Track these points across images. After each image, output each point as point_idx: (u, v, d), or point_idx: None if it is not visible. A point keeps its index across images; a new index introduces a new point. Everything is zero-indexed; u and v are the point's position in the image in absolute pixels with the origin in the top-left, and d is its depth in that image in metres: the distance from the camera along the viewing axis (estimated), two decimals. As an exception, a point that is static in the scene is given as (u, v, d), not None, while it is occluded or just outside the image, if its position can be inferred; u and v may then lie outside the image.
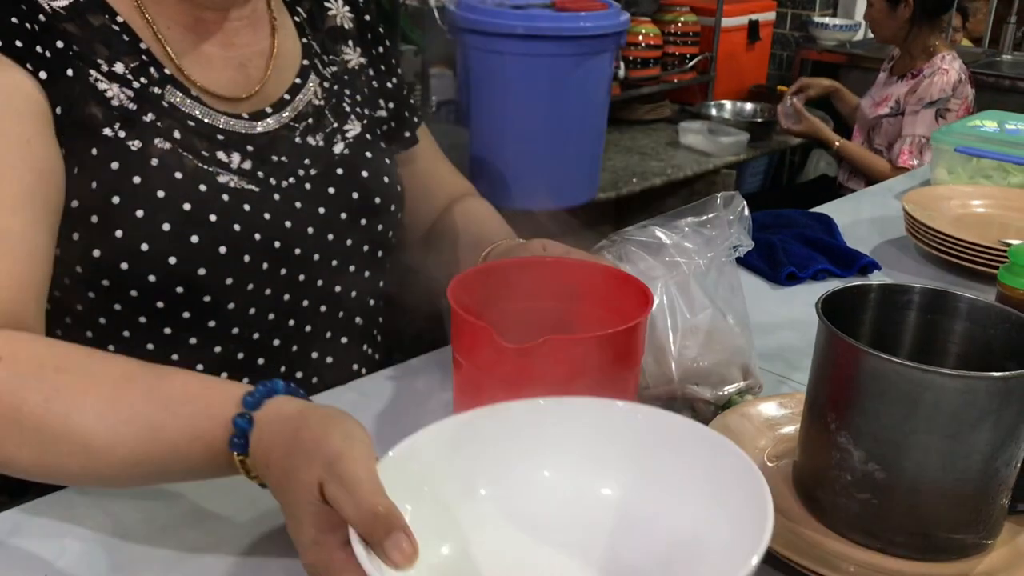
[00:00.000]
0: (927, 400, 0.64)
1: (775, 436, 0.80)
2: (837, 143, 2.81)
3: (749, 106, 3.49)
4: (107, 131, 0.81)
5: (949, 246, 1.20)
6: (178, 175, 0.83)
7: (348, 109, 0.98)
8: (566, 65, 2.74)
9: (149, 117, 0.83)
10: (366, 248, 0.97)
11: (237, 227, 0.85)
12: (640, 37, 3.22)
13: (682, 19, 3.43)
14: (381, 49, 1.05)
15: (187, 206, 0.83)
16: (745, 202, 0.85)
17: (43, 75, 0.78)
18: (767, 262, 1.21)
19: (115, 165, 0.81)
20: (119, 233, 0.80)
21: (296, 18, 0.99)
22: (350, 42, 1.02)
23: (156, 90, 0.84)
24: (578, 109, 2.76)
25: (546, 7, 2.68)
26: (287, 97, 0.93)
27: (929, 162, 1.66)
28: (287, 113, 0.92)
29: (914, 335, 0.75)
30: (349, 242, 0.95)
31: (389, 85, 1.06)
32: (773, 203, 2.49)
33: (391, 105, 1.05)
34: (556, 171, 2.66)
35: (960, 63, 2.69)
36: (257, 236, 0.86)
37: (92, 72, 0.81)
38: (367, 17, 1.04)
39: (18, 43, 0.77)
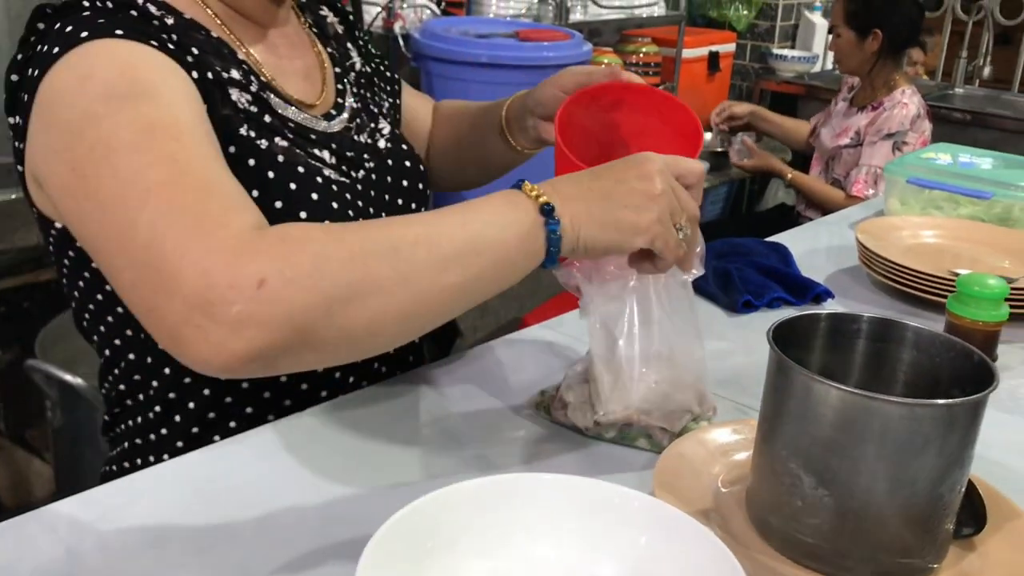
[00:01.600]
0: (874, 427, 0.65)
1: (729, 462, 0.82)
2: (790, 175, 2.85)
3: (709, 135, 3.54)
4: (242, 131, 0.87)
5: (900, 275, 1.23)
6: (300, 169, 0.90)
7: (375, 110, 1.07)
8: (525, 87, 2.76)
9: (267, 119, 0.90)
10: None
11: (351, 212, 0.94)
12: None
13: (644, 50, 3.48)
14: (361, 42, 1.14)
15: (315, 196, 0.90)
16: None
17: (195, 75, 0.83)
18: (723, 290, 1.23)
19: (251, 162, 0.87)
20: None
21: (314, 30, 1.07)
22: (348, 44, 1.11)
23: (264, 94, 0.91)
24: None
25: (510, 36, 2.71)
26: (340, 101, 1.02)
27: (883, 193, 1.69)
28: (344, 115, 1.01)
29: (863, 363, 0.77)
30: None
31: (382, 68, 1.14)
32: (732, 231, 2.52)
33: (387, 88, 1.14)
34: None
35: (919, 98, 2.75)
36: (360, 219, 0.94)
37: (219, 78, 0.87)
38: (353, 30, 1.13)
39: (170, 46, 0.83)
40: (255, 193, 0.85)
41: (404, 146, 1.08)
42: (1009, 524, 0.74)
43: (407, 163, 1.06)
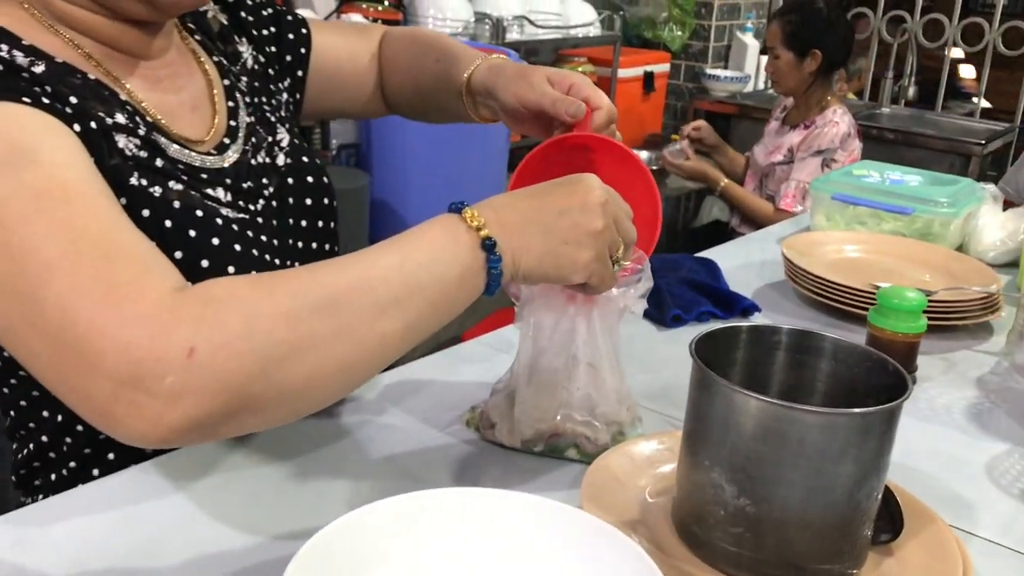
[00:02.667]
0: (792, 436, 0.66)
1: (656, 474, 0.83)
2: (722, 183, 2.90)
3: (645, 154, 3.58)
4: (132, 180, 0.82)
5: (824, 289, 1.26)
6: (199, 213, 0.85)
7: (271, 117, 1.02)
8: (466, 111, 2.77)
9: (159, 163, 0.85)
10: (327, 247, 1.02)
11: (255, 251, 0.89)
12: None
13: (580, 69, 3.51)
14: (255, 32, 1.07)
15: (216, 240, 0.86)
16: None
17: (76, 127, 0.77)
18: (654, 305, 1.24)
19: (146, 213, 0.82)
20: None
21: (196, 37, 1.01)
22: (235, 36, 1.05)
23: (152, 136, 0.86)
24: (479, 155, 2.80)
25: (446, 55, 2.72)
26: (233, 124, 0.97)
27: (810, 208, 1.73)
28: (239, 141, 0.96)
29: (784, 374, 0.78)
30: (314, 245, 1.00)
31: (276, 65, 1.08)
32: (669, 248, 2.55)
33: (287, 58, 1.09)
34: (456, 215, 2.68)
35: (850, 117, 2.83)
36: (267, 257, 0.91)
37: (103, 125, 0.81)
38: (240, 13, 1.07)
39: (45, 100, 0.75)
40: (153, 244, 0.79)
41: (305, 158, 1.02)
42: (926, 530, 0.76)
43: (309, 179, 1.01)
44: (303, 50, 1.11)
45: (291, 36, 1.10)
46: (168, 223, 0.82)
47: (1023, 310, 1.15)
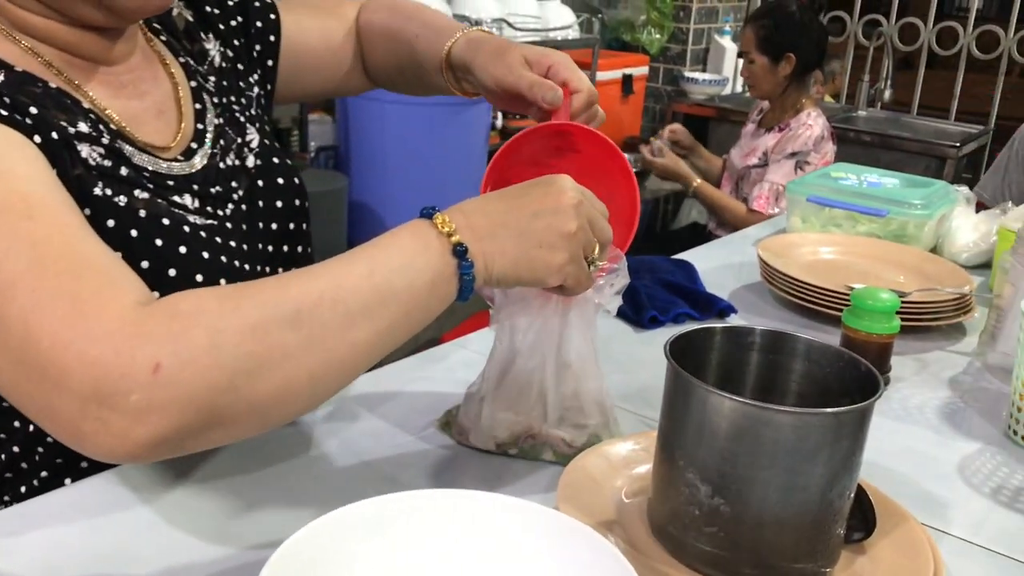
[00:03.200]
0: (766, 436, 0.67)
1: (632, 475, 0.83)
2: (696, 182, 2.91)
3: (626, 157, 3.59)
4: (96, 190, 0.80)
5: (800, 291, 1.27)
6: (165, 221, 0.84)
7: (240, 117, 1.00)
8: (445, 114, 2.78)
9: (124, 171, 0.83)
10: (299, 249, 1.00)
11: (223, 258, 0.87)
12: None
13: (559, 71, 3.52)
14: (222, 26, 1.05)
15: (183, 249, 0.84)
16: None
17: (37, 139, 0.75)
18: (631, 306, 1.25)
19: (111, 223, 0.80)
20: None
21: (163, 36, 0.99)
22: (201, 34, 1.03)
23: (116, 145, 0.84)
24: (457, 157, 2.80)
25: (425, 57, 2.72)
26: (200, 127, 0.95)
27: (785, 210, 1.74)
28: (207, 143, 0.94)
29: (758, 374, 0.79)
30: (286, 248, 0.98)
31: (246, 58, 1.06)
32: (647, 250, 2.56)
33: (256, 48, 1.07)
34: (434, 218, 2.69)
35: (824, 120, 2.85)
36: (237, 263, 0.89)
37: (65, 135, 0.79)
38: (204, 7, 1.04)
39: (3, 112, 0.74)
40: (118, 255, 0.76)
41: (276, 159, 1.01)
42: (899, 528, 0.77)
43: (280, 180, 0.99)
44: (272, 37, 1.09)
45: (259, 24, 1.08)
46: (134, 233, 0.81)
47: (995, 311, 1.17)
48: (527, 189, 0.75)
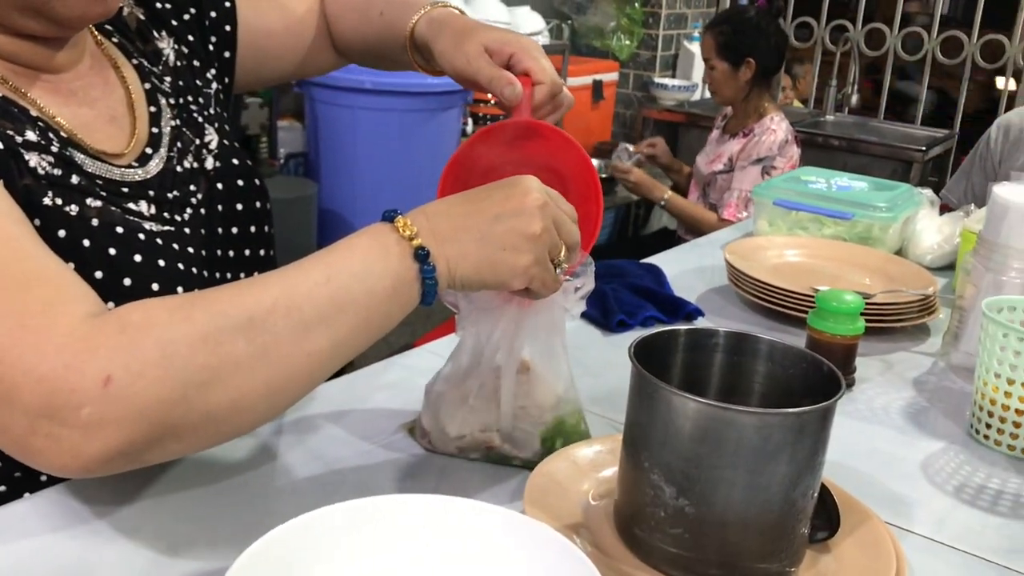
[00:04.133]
0: (729, 437, 0.67)
1: (599, 477, 0.83)
2: (666, 195, 2.93)
3: (595, 162, 3.60)
4: (46, 200, 0.78)
5: (766, 293, 1.28)
6: (119, 230, 0.82)
7: (199, 117, 0.98)
8: (414, 120, 2.78)
9: (75, 180, 0.81)
10: (262, 252, 0.99)
11: (181, 265, 0.86)
12: (488, 94, 3.29)
13: (529, 77, 3.52)
14: (175, 22, 1.02)
15: (138, 257, 0.82)
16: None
17: None
18: (599, 310, 1.25)
19: (62, 233, 0.78)
20: None
21: (114, 38, 0.97)
22: (154, 32, 1.00)
23: (67, 153, 0.82)
24: (427, 163, 2.80)
25: (394, 63, 2.72)
26: (155, 131, 0.93)
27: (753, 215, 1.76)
28: (163, 148, 0.92)
29: (721, 376, 0.79)
30: (247, 252, 0.97)
31: (202, 54, 1.04)
32: (617, 255, 2.57)
33: (212, 41, 1.04)
34: (405, 224, 2.69)
35: (787, 124, 2.87)
36: (195, 269, 0.88)
37: (11, 144, 0.78)
38: (156, 4, 1.02)
39: None
40: (70, 266, 0.75)
41: (235, 160, 0.98)
42: (862, 527, 0.77)
43: (240, 182, 0.97)
44: (228, 27, 1.06)
45: (213, 14, 1.05)
46: (86, 242, 0.79)
47: (958, 312, 1.18)
48: (491, 191, 0.74)
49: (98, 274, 0.79)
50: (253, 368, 0.64)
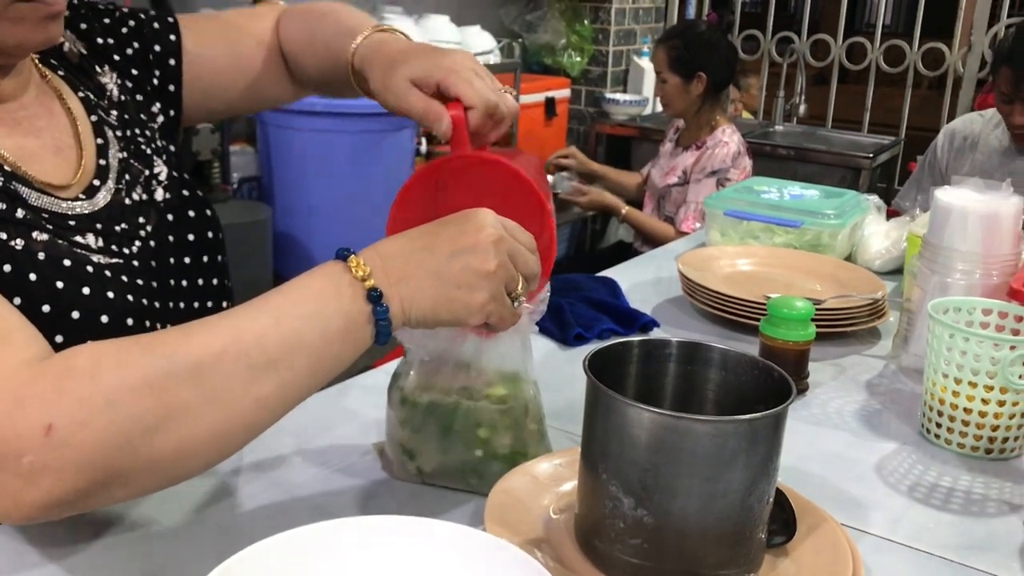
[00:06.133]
0: (684, 446, 0.68)
1: (559, 492, 0.83)
2: (624, 210, 2.96)
3: (550, 178, 3.63)
4: None
5: (719, 303, 1.29)
6: (67, 262, 0.81)
7: (147, 150, 0.97)
8: (366, 142, 2.77)
9: (20, 214, 0.80)
10: (215, 282, 0.98)
11: (131, 297, 0.85)
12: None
13: (481, 96, 3.54)
14: (117, 56, 1.01)
15: (86, 290, 0.81)
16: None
17: None
18: (556, 324, 1.26)
19: (7, 268, 0.77)
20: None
21: (60, 72, 0.96)
22: (96, 67, 0.99)
23: (12, 186, 0.81)
24: (380, 185, 2.80)
25: (345, 85, 2.72)
26: (102, 163, 0.92)
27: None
28: (111, 180, 0.91)
29: (676, 386, 0.80)
30: (200, 281, 0.96)
31: (147, 88, 1.02)
32: (574, 269, 2.59)
33: (156, 74, 1.03)
34: (360, 246, 2.68)
35: (739, 136, 2.91)
36: (146, 301, 0.86)
37: None
38: (96, 39, 1.00)
39: None
40: (17, 301, 0.75)
41: (186, 191, 0.98)
42: (818, 530, 0.78)
43: (191, 212, 0.96)
44: (172, 61, 1.04)
45: (157, 48, 1.03)
46: (32, 276, 0.78)
47: (907, 314, 1.21)
48: (444, 226, 0.73)
49: (45, 308, 0.78)
50: (200, 414, 0.64)
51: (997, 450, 0.98)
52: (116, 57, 1.01)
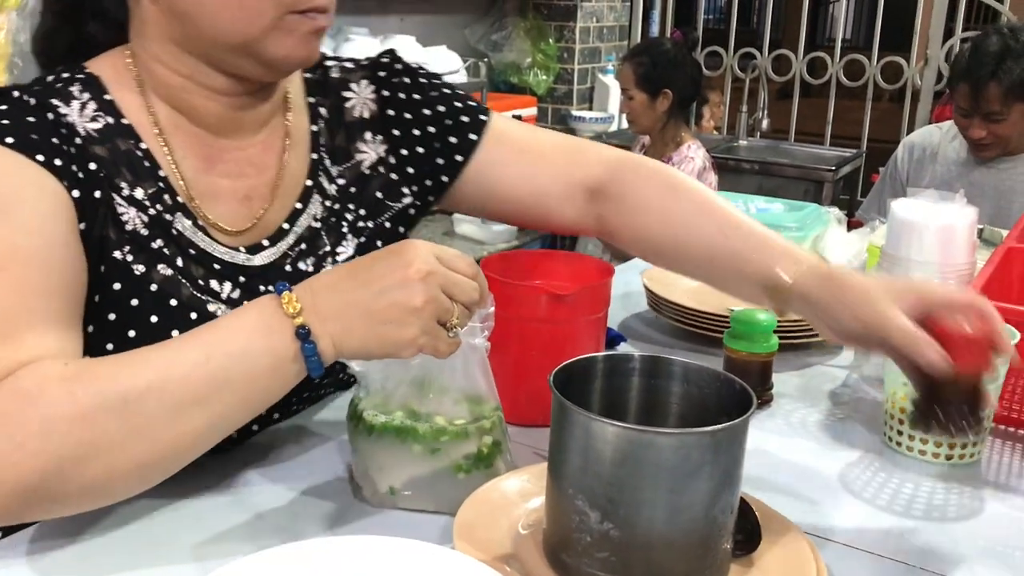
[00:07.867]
0: (649, 458, 0.69)
1: (527, 508, 0.84)
2: None
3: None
4: (117, 254, 0.83)
5: (684, 316, 1.31)
6: (173, 302, 0.85)
7: (347, 228, 0.98)
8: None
9: (158, 243, 0.85)
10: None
11: None
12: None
13: (448, 115, 3.55)
14: (397, 132, 1.02)
15: (175, 333, 0.83)
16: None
17: (76, 193, 0.79)
18: (523, 342, 1.26)
19: (118, 286, 0.83)
20: (110, 346, 0.84)
21: (315, 126, 0.97)
22: (368, 134, 1.00)
23: (168, 217, 0.86)
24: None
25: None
26: (286, 227, 0.94)
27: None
28: (284, 243, 0.94)
29: (640, 399, 0.81)
30: None
31: (411, 170, 1.02)
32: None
33: (439, 161, 1.03)
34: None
35: (704, 151, 2.95)
36: None
37: (115, 196, 0.83)
38: (389, 110, 1.02)
39: (57, 161, 0.79)
40: (111, 316, 0.82)
41: None
42: (783, 538, 0.79)
43: None
44: (459, 157, 1.02)
45: (453, 140, 1.02)
46: (134, 302, 0.83)
47: (867, 324, 1.22)
48: (375, 261, 0.75)
49: (131, 333, 0.83)
50: (124, 446, 0.68)
51: (957, 456, 1.00)
52: (396, 132, 1.01)
